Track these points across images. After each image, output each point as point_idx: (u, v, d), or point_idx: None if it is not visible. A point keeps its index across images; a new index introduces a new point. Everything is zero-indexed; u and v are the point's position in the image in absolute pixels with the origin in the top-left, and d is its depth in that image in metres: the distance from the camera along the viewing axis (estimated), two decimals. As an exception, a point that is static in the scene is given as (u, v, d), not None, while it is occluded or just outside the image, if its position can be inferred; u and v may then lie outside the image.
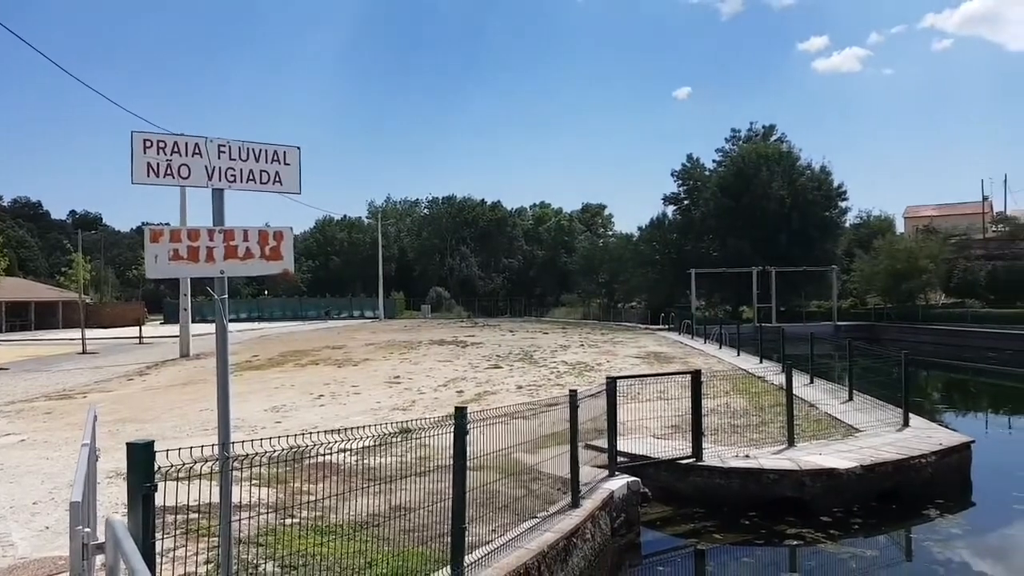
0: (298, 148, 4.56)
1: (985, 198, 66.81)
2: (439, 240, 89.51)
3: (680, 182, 60.15)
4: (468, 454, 6.69)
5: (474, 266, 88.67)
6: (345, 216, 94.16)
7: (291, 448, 4.21)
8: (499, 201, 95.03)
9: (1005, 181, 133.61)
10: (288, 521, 6.42)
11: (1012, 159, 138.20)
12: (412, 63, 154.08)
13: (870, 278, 47.78)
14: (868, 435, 11.39)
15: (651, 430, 10.97)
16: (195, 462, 3.53)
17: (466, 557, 5.51)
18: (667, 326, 45.26)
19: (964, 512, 9.95)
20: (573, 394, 7.81)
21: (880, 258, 46.42)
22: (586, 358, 24.30)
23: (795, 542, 8.53)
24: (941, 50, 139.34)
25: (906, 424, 12.03)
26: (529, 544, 6.22)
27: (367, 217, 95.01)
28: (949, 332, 39.46)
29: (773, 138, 57.83)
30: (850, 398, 14.73)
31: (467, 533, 6.07)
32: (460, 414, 5.43)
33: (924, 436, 11.25)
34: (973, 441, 11.41)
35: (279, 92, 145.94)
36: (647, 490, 9.30)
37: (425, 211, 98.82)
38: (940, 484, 10.23)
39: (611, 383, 9.05)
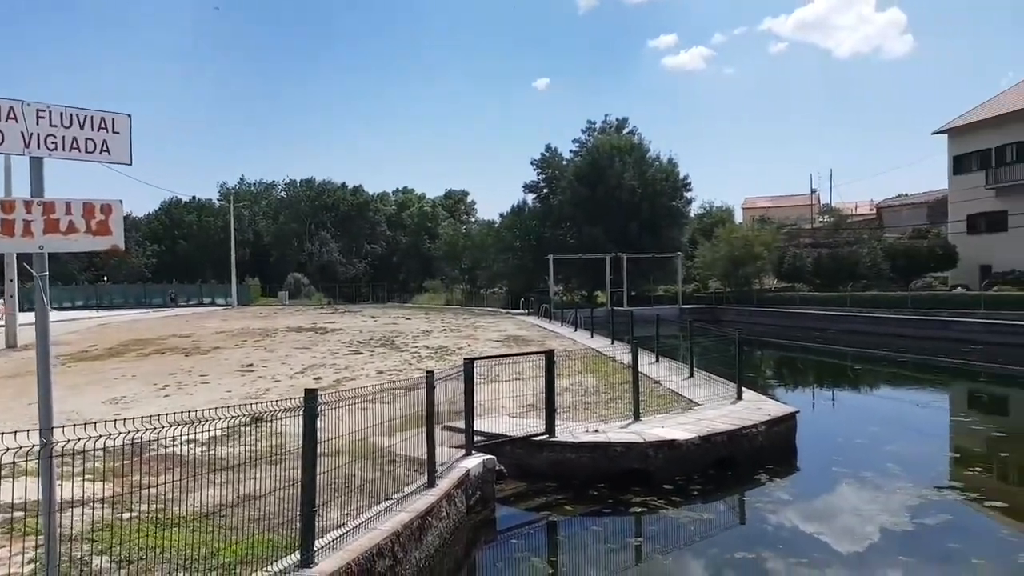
0: (128, 116, 4.28)
1: (813, 191, 72.88)
2: (297, 224, 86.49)
3: (539, 171, 61.34)
4: (323, 438, 6.58)
5: (335, 251, 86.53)
6: (194, 198, 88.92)
7: (129, 432, 3.99)
8: (360, 185, 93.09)
9: (831, 176, 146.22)
10: (125, 515, 6.08)
11: (837, 156, 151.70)
12: (265, 39, 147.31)
13: (711, 264, 51.01)
14: (706, 408, 12.20)
15: (508, 410, 11.21)
16: (7, 450, 3.27)
17: (317, 541, 5.43)
18: (527, 311, 46.30)
19: (790, 476, 10.91)
20: (430, 375, 7.86)
21: (720, 245, 49.62)
22: (448, 342, 24.41)
23: (640, 509, 9.02)
24: (777, 52, 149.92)
25: (740, 397, 12.99)
26: (383, 525, 6.22)
27: (218, 199, 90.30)
28: (780, 314, 42.90)
29: (626, 130, 60.04)
30: (691, 375, 15.70)
31: (319, 517, 5.99)
32: (310, 396, 5.34)
33: (755, 408, 12.20)
34: (798, 411, 12.51)
35: (116, 63, 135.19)
36: (503, 467, 9.53)
37: (282, 194, 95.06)
38: (769, 451, 11.14)
39: (468, 364, 9.18)
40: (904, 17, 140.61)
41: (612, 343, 23.57)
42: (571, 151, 60.70)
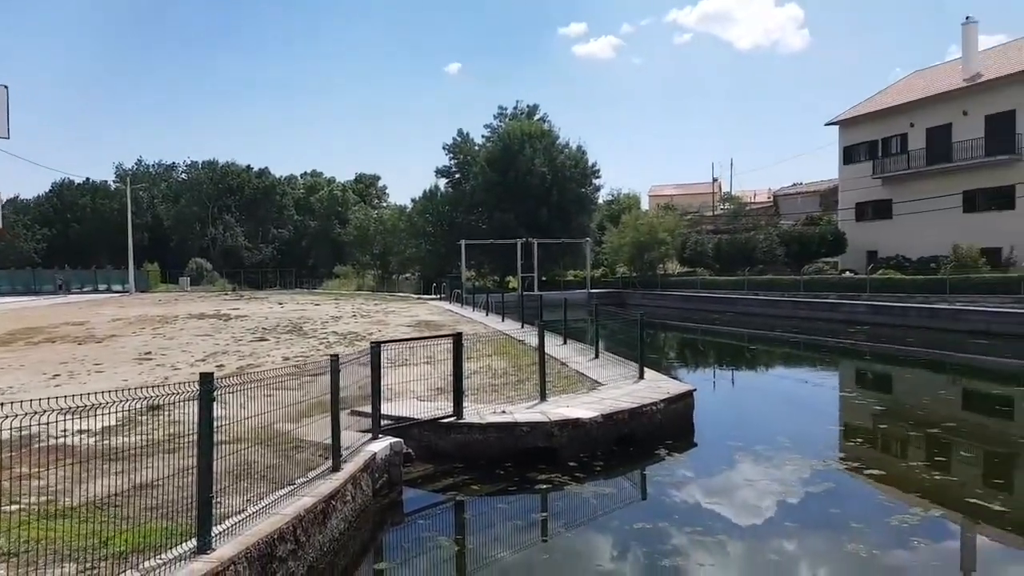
0: (5, 87, 4.07)
1: (715, 180, 75.56)
2: (199, 208, 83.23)
3: (451, 156, 61.15)
4: (225, 426, 6.46)
5: (239, 236, 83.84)
6: (88, 179, 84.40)
7: (9, 416, 3.83)
8: (267, 168, 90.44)
9: (731, 165, 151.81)
10: (10, 508, 5.80)
11: (739, 145, 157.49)
12: (164, 13, 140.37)
13: (618, 249, 52.32)
14: (609, 388, 12.57)
15: (417, 393, 11.25)
16: None
17: (216, 527, 5.35)
18: (439, 296, 46.26)
19: (688, 451, 11.36)
20: (335, 359, 7.81)
21: (626, 231, 50.95)
22: (358, 328, 24.13)
23: (545, 486, 9.26)
24: (682, 44, 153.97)
25: (641, 377, 13.43)
26: (285, 510, 6.17)
27: (115, 181, 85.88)
28: (683, 297, 44.51)
29: (536, 117, 60.53)
30: (596, 356, 16.12)
31: (220, 505, 5.90)
32: (206, 380, 5.24)
33: (655, 387, 12.65)
34: (695, 390, 13.04)
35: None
36: (410, 450, 9.57)
37: (183, 176, 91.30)
38: (668, 428, 11.58)
39: (375, 348, 9.16)
40: (801, 13, 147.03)
41: (522, 327, 23.85)
42: (483, 136, 60.83)
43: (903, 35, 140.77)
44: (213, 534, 5.22)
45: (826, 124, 49.20)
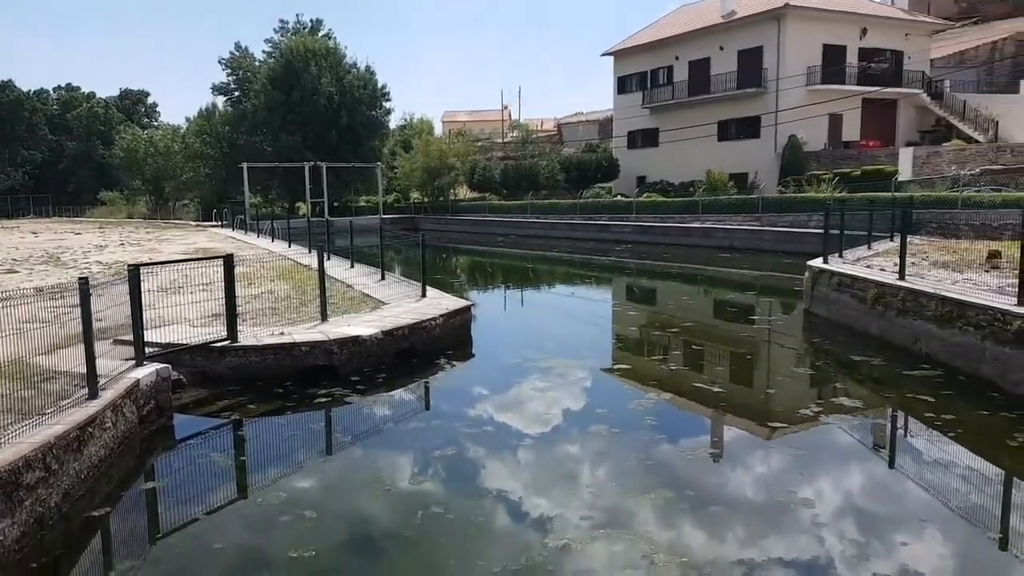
0: None
1: (505, 107, 77.04)
2: (-77, 126, 71.14)
3: (229, 71, 57.05)
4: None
5: (-21, 159, 73.03)
6: None
7: None
8: (11, 80, 78.85)
9: (519, 93, 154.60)
10: None
11: (527, 74, 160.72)
12: None
13: (410, 175, 52.36)
14: (392, 307, 12.97)
15: (191, 320, 10.96)
16: None
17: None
18: (222, 223, 43.83)
19: (467, 362, 12.16)
20: (83, 281, 7.45)
21: (418, 157, 50.98)
22: (126, 257, 22.44)
23: (325, 399, 9.54)
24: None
25: (424, 295, 13.95)
26: (33, 438, 5.93)
27: None
28: (472, 222, 45.95)
29: (321, 33, 57.79)
30: (383, 278, 16.42)
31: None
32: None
33: (436, 304, 13.23)
34: (472, 305, 13.83)
35: None
36: (181, 376, 9.39)
37: (-98, 89, 77.11)
38: (448, 341, 12.28)
39: (134, 271, 8.77)
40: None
41: (309, 252, 23.49)
42: (264, 52, 57.26)
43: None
44: (-55, 465, 4.98)
45: (601, 55, 51.56)
